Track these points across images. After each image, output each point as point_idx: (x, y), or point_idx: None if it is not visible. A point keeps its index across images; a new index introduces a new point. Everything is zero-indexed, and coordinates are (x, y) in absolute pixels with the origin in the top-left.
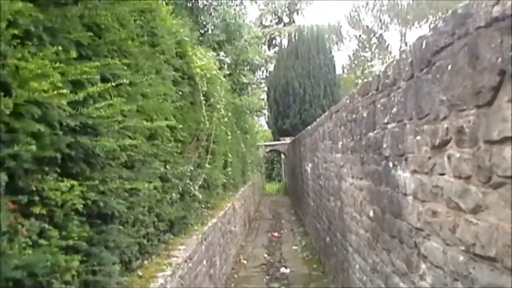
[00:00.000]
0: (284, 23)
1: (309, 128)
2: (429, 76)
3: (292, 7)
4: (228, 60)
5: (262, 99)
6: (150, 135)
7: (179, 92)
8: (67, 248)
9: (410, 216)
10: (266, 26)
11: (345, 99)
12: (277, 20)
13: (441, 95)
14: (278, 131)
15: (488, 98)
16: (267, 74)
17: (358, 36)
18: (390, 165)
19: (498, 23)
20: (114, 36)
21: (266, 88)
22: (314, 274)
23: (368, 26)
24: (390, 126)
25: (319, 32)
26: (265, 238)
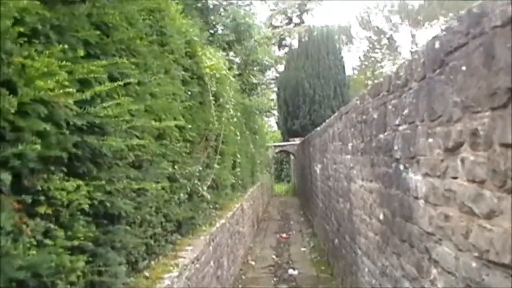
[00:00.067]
0: (294, 24)
1: (318, 129)
2: (442, 77)
3: (302, 8)
4: (237, 60)
5: (272, 100)
6: (159, 135)
7: (188, 92)
8: (73, 248)
9: (421, 220)
10: (276, 27)
11: (355, 100)
12: (287, 20)
13: (454, 97)
14: (288, 132)
15: (504, 100)
16: (277, 75)
17: (368, 37)
18: (401, 167)
19: None
20: (123, 35)
21: (276, 88)
22: (322, 276)
23: (378, 27)
24: (401, 128)
25: (329, 32)
26: (273, 239)
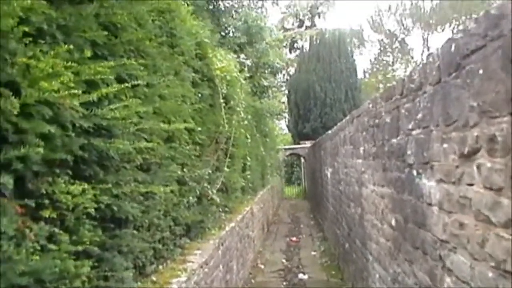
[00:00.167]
0: (305, 27)
1: (329, 132)
2: (458, 80)
3: (314, 11)
4: (248, 62)
5: (283, 102)
6: (168, 138)
7: (198, 94)
8: (78, 253)
9: (435, 227)
10: (287, 29)
11: (367, 104)
12: (298, 23)
13: (471, 101)
14: (298, 135)
15: None
16: (288, 77)
17: (380, 40)
18: (414, 173)
19: None
20: (131, 36)
21: (287, 91)
22: (332, 281)
23: (390, 30)
24: (415, 132)
25: (341, 35)
26: (283, 242)
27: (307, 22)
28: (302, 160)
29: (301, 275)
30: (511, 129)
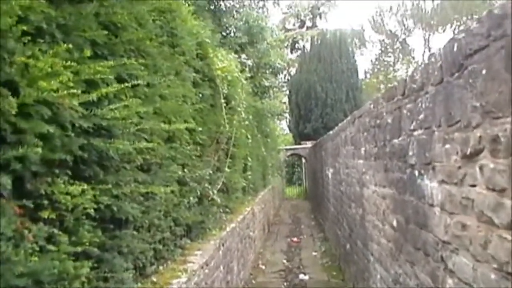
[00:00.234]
0: (307, 27)
1: (330, 132)
2: (460, 81)
3: (315, 11)
4: (249, 62)
5: (284, 103)
6: (168, 138)
7: (199, 94)
8: (78, 254)
9: (436, 228)
10: (289, 30)
11: (368, 104)
12: (300, 23)
13: (474, 101)
14: (299, 135)
15: None
16: (289, 78)
17: (381, 40)
18: (416, 173)
19: None
20: (132, 35)
21: (288, 91)
22: (333, 282)
23: (391, 31)
24: (417, 133)
25: (342, 36)
26: (284, 243)
27: (308, 23)
28: (303, 160)
29: (302, 276)
30: None
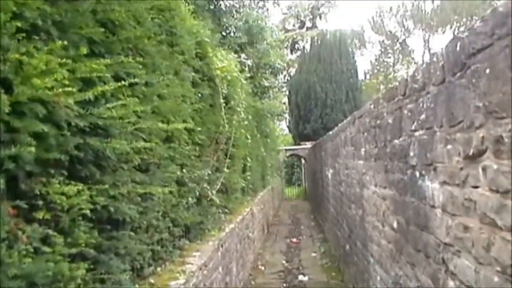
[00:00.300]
0: (306, 28)
1: (330, 133)
2: (463, 80)
3: (315, 12)
4: (249, 62)
5: (284, 103)
6: (167, 138)
7: (198, 94)
8: (74, 255)
9: (438, 230)
10: (288, 30)
11: (369, 104)
12: (299, 24)
13: (476, 101)
14: (299, 136)
15: None
16: (289, 78)
17: (381, 41)
18: (417, 174)
19: None
20: (130, 33)
21: (288, 92)
22: (332, 283)
23: (391, 31)
24: (418, 133)
25: (342, 36)
26: (283, 243)
27: (308, 23)
28: (303, 161)
29: (301, 277)
30: None
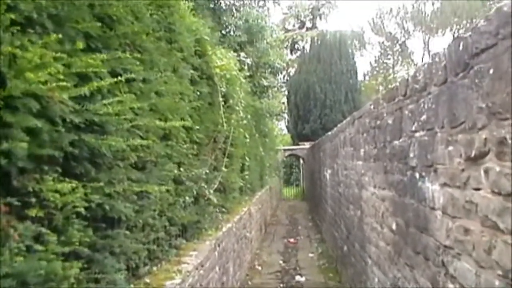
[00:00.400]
0: (306, 28)
1: (329, 133)
2: (465, 81)
3: (315, 12)
4: (248, 61)
5: (283, 103)
6: (164, 136)
7: (197, 91)
8: (67, 254)
9: (438, 232)
10: (288, 30)
11: (369, 105)
12: (299, 24)
13: (479, 102)
14: (298, 136)
15: None
16: (288, 78)
17: (381, 42)
18: (417, 176)
19: None
20: (127, 28)
21: (287, 92)
22: (330, 284)
23: (391, 33)
24: (418, 134)
25: (342, 37)
26: (281, 244)
27: (308, 24)
28: (301, 161)
29: (298, 277)
30: None
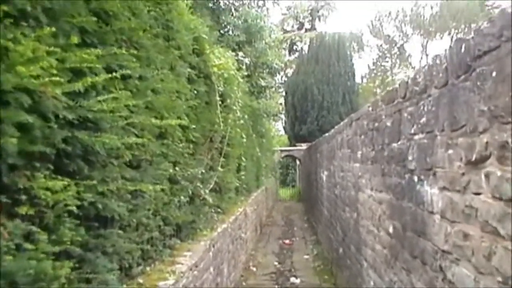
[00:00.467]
0: (305, 29)
1: (326, 135)
2: (467, 83)
3: (314, 14)
4: (247, 61)
5: (280, 104)
6: (160, 134)
7: (194, 90)
8: (58, 253)
9: (436, 236)
10: (287, 31)
11: (367, 107)
12: (298, 25)
13: (481, 105)
14: (295, 137)
15: None
16: (286, 79)
17: (379, 45)
18: (415, 179)
19: None
20: (124, 24)
21: (284, 92)
22: (325, 286)
23: (389, 36)
24: (418, 137)
25: (340, 39)
26: (276, 245)
27: (307, 25)
28: (298, 162)
29: (293, 279)
30: None
